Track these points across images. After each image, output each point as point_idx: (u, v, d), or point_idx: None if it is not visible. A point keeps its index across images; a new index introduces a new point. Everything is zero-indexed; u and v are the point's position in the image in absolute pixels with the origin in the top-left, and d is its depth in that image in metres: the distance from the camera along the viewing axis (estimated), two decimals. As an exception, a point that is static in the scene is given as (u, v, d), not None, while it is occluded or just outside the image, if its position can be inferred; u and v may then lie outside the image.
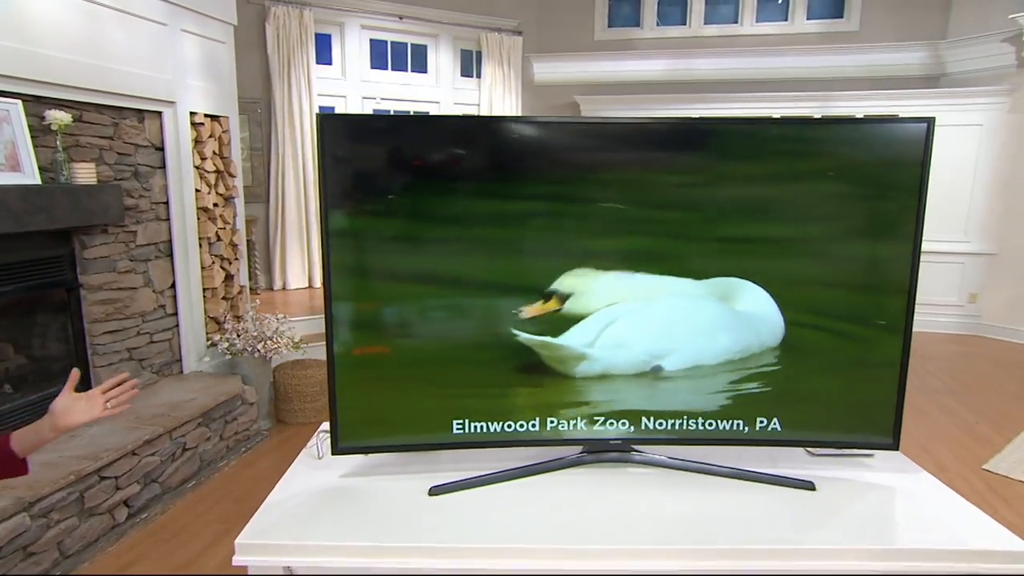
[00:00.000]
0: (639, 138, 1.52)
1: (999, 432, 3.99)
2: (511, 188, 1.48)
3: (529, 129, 1.54)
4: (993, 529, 1.37)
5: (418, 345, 1.52)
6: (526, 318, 1.48)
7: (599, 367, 1.52)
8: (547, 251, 1.51)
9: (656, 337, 1.51)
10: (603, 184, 1.49)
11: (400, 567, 1.32)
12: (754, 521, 1.39)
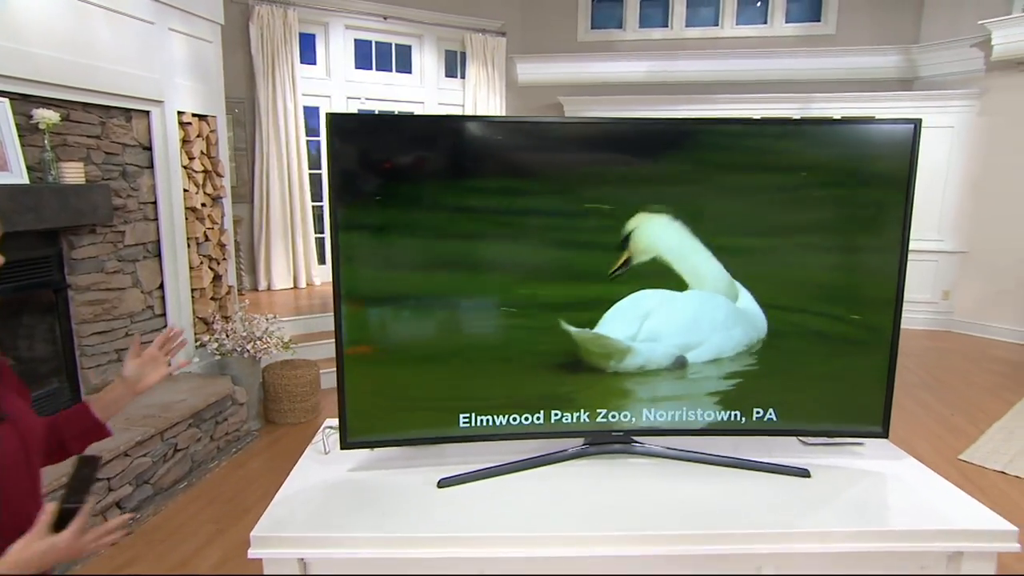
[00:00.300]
0: (647, 138, 1.57)
1: (973, 424, 4.12)
2: (518, 185, 1.52)
3: (541, 129, 1.58)
4: (977, 510, 1.45)
5: (425, 341, 1.55)
6: (614, 272, 1.51)
7: (640, 360, 1.58)
8: (551, 251, 1.55)
9: (685, 331, 1.57)
10: (600, 183, 1.53)
11: (413, 556, 1.35)
12: (754, 507, 1.45)
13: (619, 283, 1.54)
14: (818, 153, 1.57)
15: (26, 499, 1.11)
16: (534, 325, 1.55)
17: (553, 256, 1.54)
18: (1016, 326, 6.06)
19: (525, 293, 1.54)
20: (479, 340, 1.56)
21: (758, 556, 1.39)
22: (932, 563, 1.42)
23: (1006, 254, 6.09)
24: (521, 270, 1.54)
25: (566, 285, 1.55)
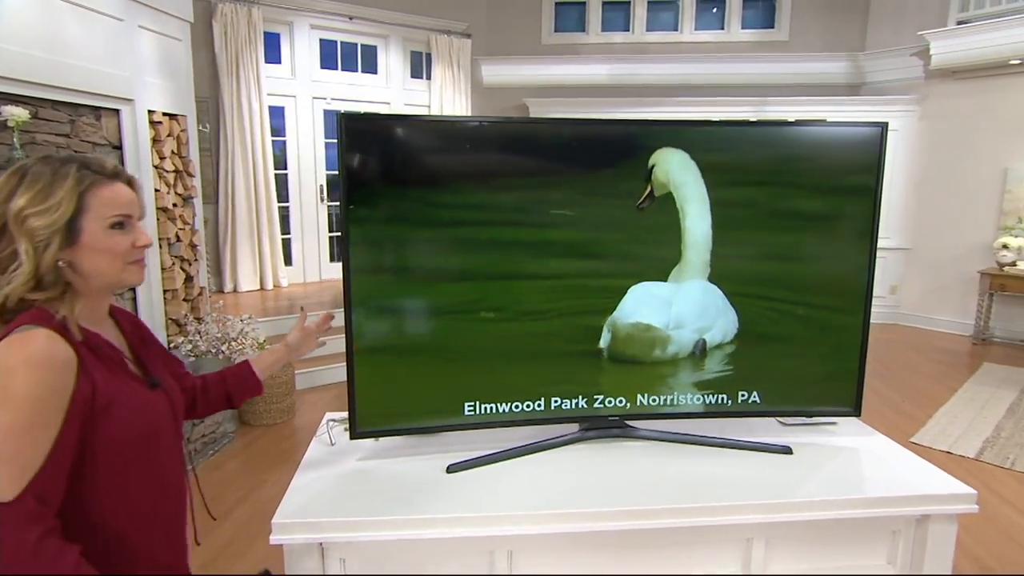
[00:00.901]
0: (649, 137, 1.66)
1: (921, 409, 4.39)
2: (520, 183, 1.60)
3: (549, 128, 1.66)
4: (941, 477, 1.59)
5: (431, 336, 1.61)
6: (640, 204, 1.61)
7: (675, 348, 1.68)
8: (549, 246, 1.63)
9: (700, 316, 1.67)
10: (606, 180, 1.62)
11: (428, 537, 1.41)
12: (743, 482, 1.55)
13: (618, 279, 1.64)
14: (794, 154, 1.69)
15: (172, 461, 1.17)
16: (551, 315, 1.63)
17: (554, 249, 1.62)
18: (956, 318, 6.44)
19: (535, 285, 1.62)
20: (485, 334, 1.63)
21: (748, 526, 1.50)
22: (903, 527, 1.56)
23: (947, 250, 6.47)
24: (532, 261, 1.62)
25: (571, 278, 1.64)
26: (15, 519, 0.91)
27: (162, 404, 1.13)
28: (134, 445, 1.06)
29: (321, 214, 6.60)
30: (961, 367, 5.43)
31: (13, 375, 0.93)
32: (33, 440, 0.93)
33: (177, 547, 1.21)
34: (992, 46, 5.57)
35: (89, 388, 0.99)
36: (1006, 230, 5.98)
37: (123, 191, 1.07)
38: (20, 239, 0.97)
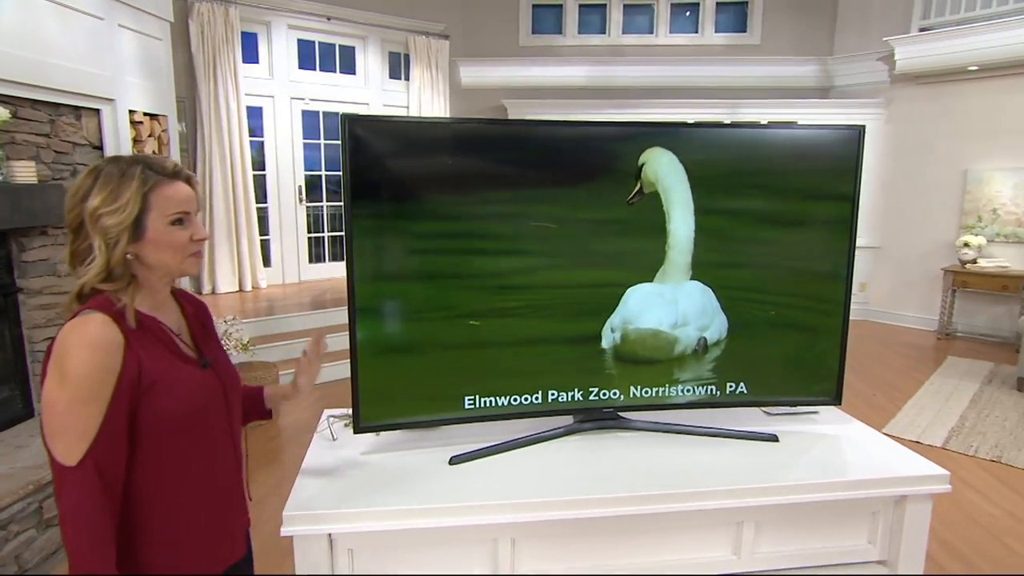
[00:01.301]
0: (643, 138, 1.73)
1: (892, 401, 4.56)
2: (519, 185, 1.65)
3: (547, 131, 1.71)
4: (916, 460, 1.68)
5: (432, 333, 1.66)
6: (630, 200, 1.68)
7: (682, 347, 1.74)
8: (546, 248, 1.68)
9: (701, 315, 1.74)
10: (599, 178, 1.69)
11: (433, 526, 1.45)
12: (734, 468, 1.63)
13: (614, 269, 1.70)
14: (780, 155, 1.77)
15: (223, 437, 1.26)
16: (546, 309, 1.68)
17: (555, 249, 1.68)
18: (922, 314, 6.67)
19: (531, 281, 1.67)
20: (484, 330, 1.68)
21: (738, 510, 1.57)
22: (882, 507, 1.64)
23: (912, 249, 6.70)
24: (529, 261, 1.67)
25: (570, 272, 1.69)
26: (76, 481, 1.04)
27: (212, 382, 1.22)
28: (183, 420, 1.15)
29: (300, 215, 6.57)
30: (927, 361, 5.63)
31: (69, 355, 1.04)
32: (87, 413, 1.04)
33: (235, 514, 1.30)
34: (952, 52, 5.80)
35: (135, 368, 1.09)
36: (967, 229, 6.22)
37: (182, 189, 1.15)
38: (94, 235, 1.08)
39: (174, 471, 1.17)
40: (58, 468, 1.06)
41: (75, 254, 1.14)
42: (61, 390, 1.04)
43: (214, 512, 1.25)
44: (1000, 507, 3.13)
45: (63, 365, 1.05)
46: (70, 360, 1.04)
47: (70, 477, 1.05)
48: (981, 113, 6.05)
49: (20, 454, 2.69)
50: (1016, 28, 5.43)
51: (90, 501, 1.05)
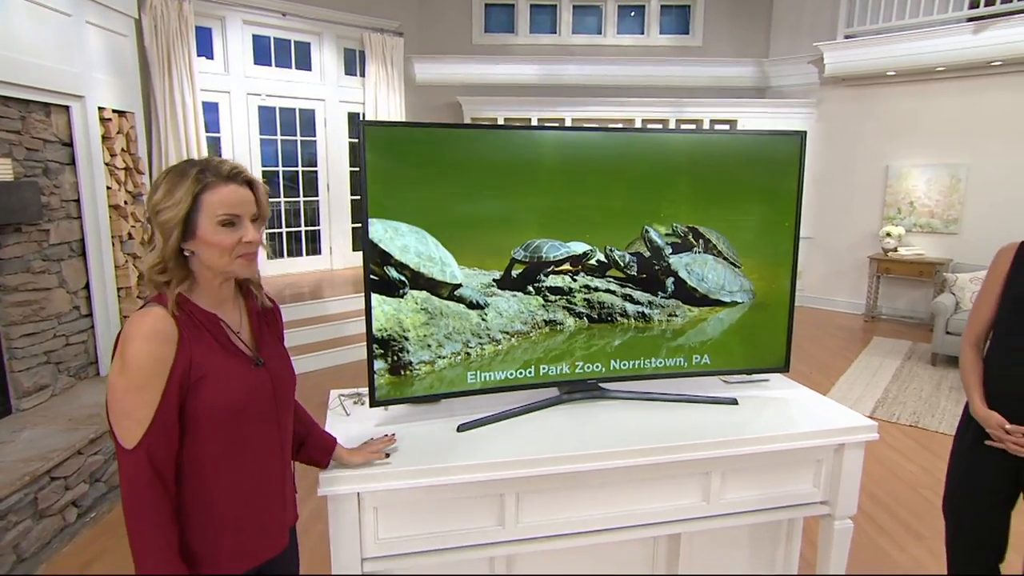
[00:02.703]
0: (618, 144, 1.96)
1: (827, 378, 5.00)
2: (515, 183, 1.86)
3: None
4: (851, 415, 1.99)
5: (438, 318, 1.85)
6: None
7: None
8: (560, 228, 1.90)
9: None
10: (588, 182, 1.91)
11: (446, 482, 1.64)
12: (702, 427, 1.88)
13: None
14: (736, 155, 2.04)
15: (270, 434, 1.30)
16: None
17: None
18: (851, 299, 7.23)
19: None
20: (480, 314, 1.88)
21: (707, 461, 1.83)
22: (825, 455, 1.94)
23: (842, 239, 7.25)
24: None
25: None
26: (132, 463, 1.13)
27: (262, 381, 1.27)
28: (227, 414, 1.20)
29: (258, 210, 6.55)
30: (856, 341, 6.15)
31: (129, 344, 1.13)
32: (143, 399, 1.11)
33: (277, 509, 1.34)
34: (874, 59, 6.32)
35: (187, 360, 1.16)
36: (888, 220, 6.79)
37: (236, 193, 1.19)
38: (155, 227, 1.17)
39: (215, 463, 1.21)
40: (120, 450, 1.14)
41: (147, 243, 1.22)
42: (121, 377, 1.12)
43: (254, 506, 1.29)
44: (917, 464, 3.56)
45: (124, 354, 1.12)
46: (130, 349, 1.12)
47: (128, 459, 1.12)
48: (900, 114, 6.61)
49: (7, 448, 2.72)
50: (927, 39, 5.97)
51: (148, 482, 1.12)
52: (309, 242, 7.15)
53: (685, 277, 2.06)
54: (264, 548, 1.33)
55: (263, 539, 1.32)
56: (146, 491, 1.13)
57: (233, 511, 1.25)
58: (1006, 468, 1.82)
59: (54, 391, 3.33)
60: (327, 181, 7.08)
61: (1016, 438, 1.74)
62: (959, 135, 6.21)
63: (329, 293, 6.04)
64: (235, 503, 1.25)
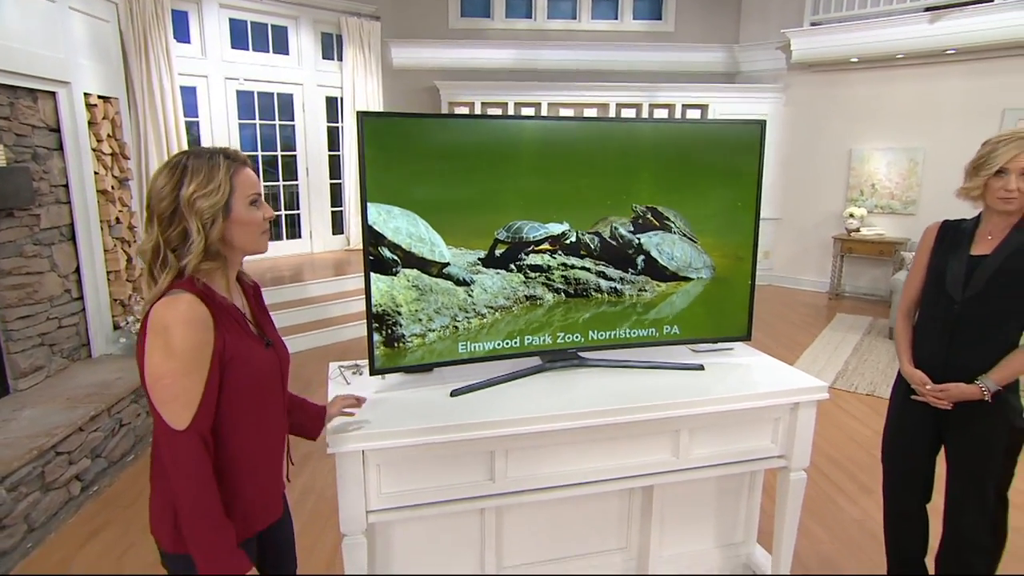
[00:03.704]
0: (597, 132, 2.12)
1: (791, 352, 5.27)
2: (499, 167, 2.02)
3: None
4: (806, 378, 2.20)
5: (432, 294, 2.01)
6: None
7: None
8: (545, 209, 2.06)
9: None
10: (570, 165, 2.08)
11: (442, 440, 1.81)
12: (671, 390, 2.07)
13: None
14: (698, 142, 2.22)
15: (278, 407, 1.40)
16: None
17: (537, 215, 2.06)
18: (816, 278, 7.54)
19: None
20: (469, 291, 2.05)
21: (675, 419, 2.02)
22: (782, 414, 2.15)
23: (808, 219, 7.53)
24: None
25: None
26: (186, 443, 1.18)
27: (273, 361, 1.37)
28: (250, 391, 1.29)
29: (238, 195, 6.60)
30: (820, 318, 6.45)
31: (172, 331, 1.15)
32: (192, 382, 1.17)
33: (273, 478, 1.44)
34: (838, 46, 6.56)
35: (222, 343, 1.22)
36: (852, 201, 7.09)
37: (252, 174, 1.28)
38: (191, 219, 1.19)
39: (239, 434, 1.29)
40: (168, 432, 1.17)
41: (167, 243, 1.21)
42: (167, 362, 1.15)
43: (267, 472, 1.39)
44: (871, 429, 3.83)
45: (168, 342, 1.14)
46: (174, 336, 1.14)
47: (181, 440, 1.17)
48: (863, 99, 6.88)
49: (11, 426, 2.83)
50: (887, 28, 6.22)
51: (199, 459, 1.18)
52: (289, 226, 7.22)
53: (656, 256, 2.24)
54: (272, 512, 1.43)
55: (271, 504, 1.43)
56: (202, 468, 1.19)
57: (251, 478, 1.34)
58: (929, 421, 2.06)
59: (48, 372, 3.42)
60: (306, 165, 7.14)
61: (935, 393, 1.97)
62: (917, 120, 6.50)
63: (310, 276, 6.14)
64: (253, 471, 1.34)
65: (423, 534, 2.16)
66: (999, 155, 1.83)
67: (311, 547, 2.68)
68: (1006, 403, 1.90)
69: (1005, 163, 1.82)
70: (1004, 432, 1.92)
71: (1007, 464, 1.96)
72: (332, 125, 7.29)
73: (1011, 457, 1.96)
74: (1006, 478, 1.98)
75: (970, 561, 2.03)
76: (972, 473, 1.99)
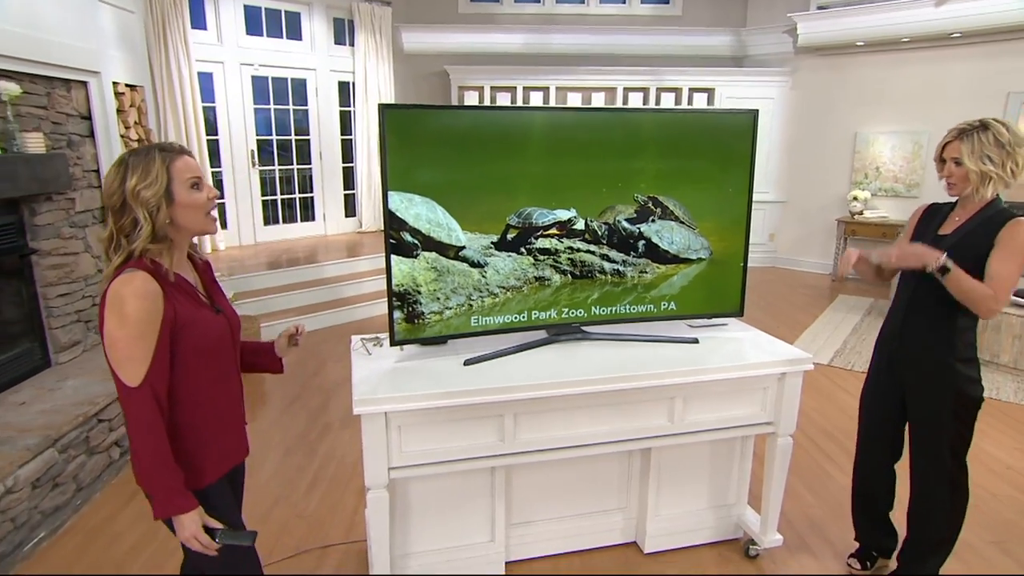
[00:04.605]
0: (600, 122, 2.28)
1: (791, 332, 5.43)
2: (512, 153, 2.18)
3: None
4: (793, 350, 2.37)
5: (448, 275, 2.19)
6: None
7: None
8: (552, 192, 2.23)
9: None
10: (579, 153, 2.24)
11: (456, 403, 2.00)
12: (668, 360, 2.25)
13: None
14: (695, 131, 2.37)
15: (231, 366, 1.63)
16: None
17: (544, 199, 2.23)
18: (820, 260, 7.66)
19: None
20: (485, 271, 2.22)
21: (671, 387, 2.20)
22: (770, 383, 2.32)
23: (813, 202, 7.64)
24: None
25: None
26: (139, 398, 1.37)
27: (223, 325, 1.58)
28: (205, 353, 1.50)
29: (253, 179, 6.79)
30: (822, 299, 6.59)
31: (126, 303, 1.34)
32: (143, 346, 1.35)
33: (236, 423, 1.68)
34: (844, 29, 6.62)
35: (172, 312, 1.40)
36: (856, 184, 7.18)
37: (191, 161, 1.46)
38: (137, 209, 1.36)
39: (198, 390, 1.49)
40: (125, 389, 1.36)
41: (120, 229, 1.38)
42: (121, 329, 1.33)
43: (225, 421, 1.61)
44: (866, 403, 4.00)
45: (122, 311, 1.33)
46: (127, 307, 1.33)
47: (135, 395, 1.36)
48: (869, 83, 6.95)
49: (55, 395, 3.05)
50: (894, 11, 6.28)
51: (150, 411, 1.37)
52: (303, 209, 7.41)
53: (658, 242, 2.41)
54: (235, 453, 1.66)
55: (235, 446, 1.67)
56: (154, 418, 1.38)
57: (211, 426, 1.56)
58: (897, 391, 2.26)
59: (85, 347, 3.64)
60: (319, 149, 7.31)
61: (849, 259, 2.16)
62: (921, 103, 6.57)
63: (324, 257, 6.34)
64: (213, 420, 1.56)
65: (439, 490, 2.36)
66: (938, 145, 2.08)
67: (334, 506, 2.90)
68: (953, 370, 2.08)
69: (941, 152, 2.06)
70: (951, 397, 2.09)
71: (962, 430, 2.13)
72: (344, 110, 7.44)
73: (964, 422, 2.12)
74: (962, 443, 2.14)
75: (928, 515, 2.23)
76: (925, 434, 2.18)
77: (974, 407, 2.10)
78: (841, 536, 2.70)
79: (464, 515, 2.43)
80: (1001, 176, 1.94)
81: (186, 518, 1.43)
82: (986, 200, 2.00)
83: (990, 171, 1.93)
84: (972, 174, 1.95)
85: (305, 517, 2.83)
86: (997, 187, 1.96)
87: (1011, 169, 1.93)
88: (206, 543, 1.46)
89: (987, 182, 1.95)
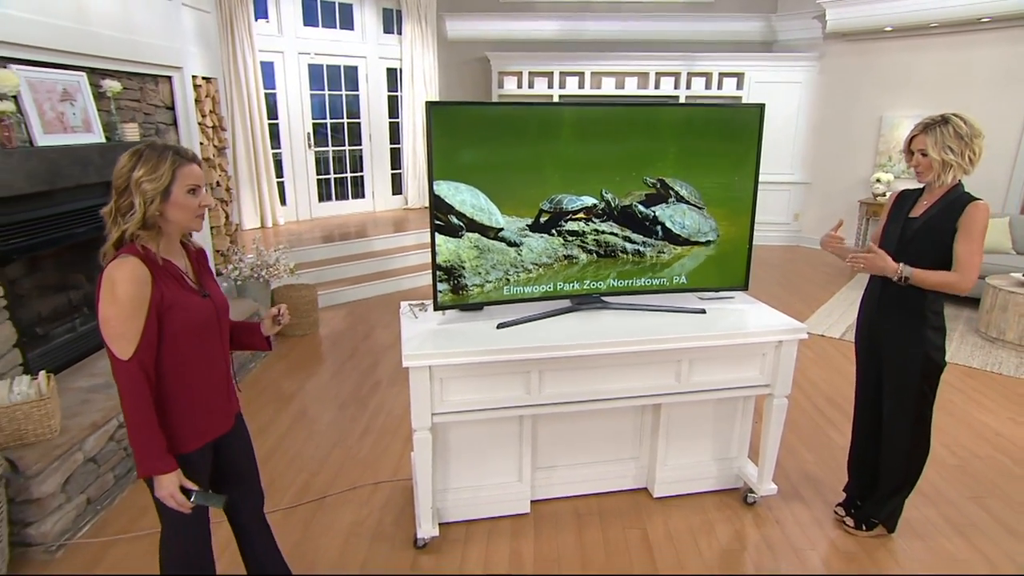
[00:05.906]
0: (625, 114, 2.61)
1: (809, 308, 5.68)
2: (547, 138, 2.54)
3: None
4: (790, 321, 2.68)
5: (488, 252, 2.57)
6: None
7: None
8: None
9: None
10: (605, 141, 2.58)
11: (490, 360, 2.36)
12: (677, 327, 2.58)
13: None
14: (709, 123, 2.68)
15: (217, 345, 1.74)
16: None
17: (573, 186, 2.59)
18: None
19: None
20: (517, 250, 2.60)
21: (681, 350, 2.54)
22: (768, 350, 2.65)
23: (837, 184, 7.77)
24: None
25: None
26: (129, 370, 1.51)
27: (209, 308, 1.70)
28: (191, 333, 1.63)
29: (309, 159, 7.29)
30: (842, 277, 6.79)
31: (117, 285, 1.48)
32: (133, 324, 1.50)
33: (220, 397, 1.78)
34: (872, 15, 6.70)
35: (159, 295, 1.54)
36: (880, 167, 7.30)
37: (196, 169, 1.61)
38: (136, 195, 1.51)
39: (184, 365, 1.62)
40: (116, 361, 1.50)
41: (118, 208, 1.53)
42: (113, 308, 1.47)
43: (208, 395, 1.71)
44: (873, 377, 4.27)
45: (114, 293, 1.46)
46: (118, 289, 1.46)
47: (125, 367, 1.49)
48: (896, 68, 7.03)
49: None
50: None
51: (138, 382, 1.50)
52: (353, 187, 7.90)
53: (671, 226, 2.74)
54: (218, 426, 1.79)
55: (219, 419, 1.79)
56: (141, 389, 1.51)
57: (197, 399, 1.69)
58: (877, 357, 2.56)
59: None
60: (369, 132, 7.76)
61: (858, 256, 2.41)
62: (948, 88, 6.62)
63: (372, 232, 6.79)
64: (198, 394, 1.69)
65: (474, 435, 2.75)
66: (906, 138, 2.39)
67: (384, 451, 3.35)
68: (925, 338, 2.37)
69: (909, 144, 2.37)
70: (919, 360, 2.38)
71: (925, 390, 2.43)
72: (392, 94, 7.86)
73: (929, 383, 2.42)
74: (925, 402, 2.45)
75: (891, 464, 2.57)
76: (894, 391, 2.48)
77: (937, 371, 2.40)
78: (832, 488, 3.02)
79: (495, 458, 2.80)
80: (961, 164, 2.23)
81: (164, 478, 1.58)
82: (948, 186, 2.29)
83: (951, 160, 2.22)
84: (935, 163, 2.25)
85: (359, 459, 3.28)
86: (958, 174, 2.26)
87: (969, 158, 2.22)
88: (180, 501, 1.61)
89: (948, 170, 2.24)
